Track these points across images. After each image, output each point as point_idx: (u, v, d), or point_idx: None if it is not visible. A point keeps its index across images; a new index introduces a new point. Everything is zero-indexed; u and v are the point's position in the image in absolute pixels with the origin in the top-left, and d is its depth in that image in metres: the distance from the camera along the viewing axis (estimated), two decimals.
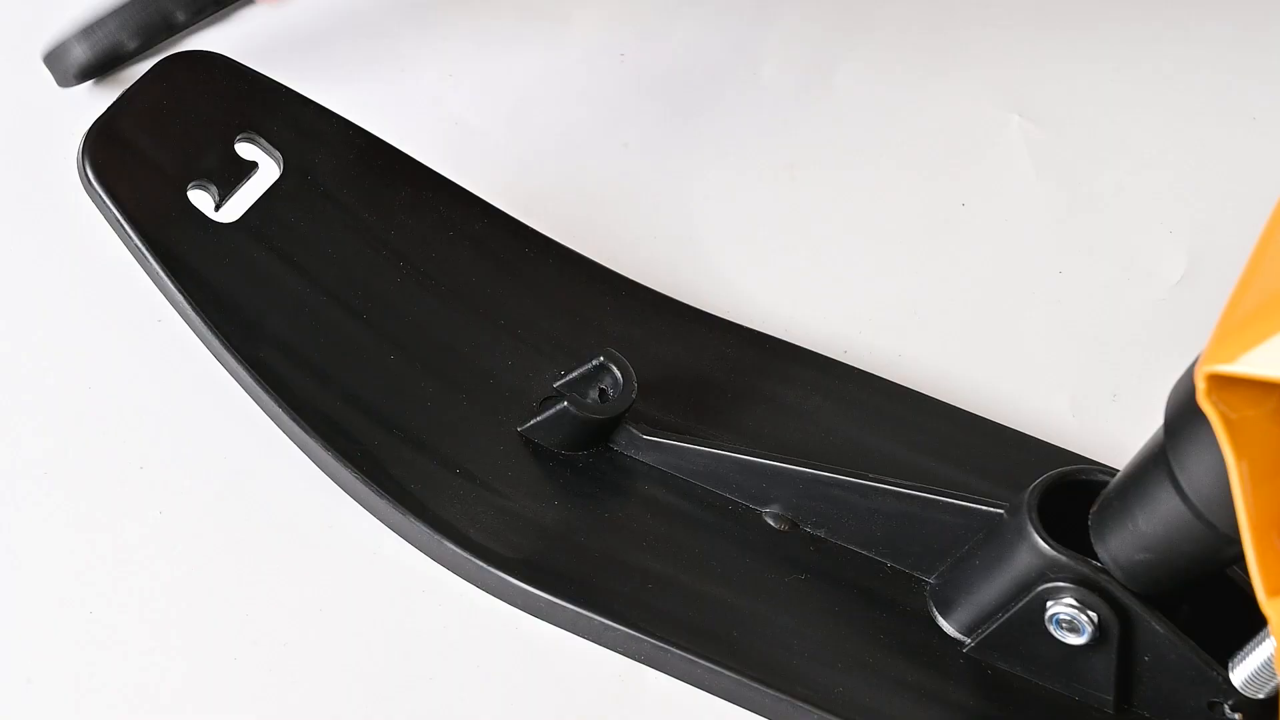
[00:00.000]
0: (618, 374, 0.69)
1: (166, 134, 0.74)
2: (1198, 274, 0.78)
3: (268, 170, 0.74)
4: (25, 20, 0.85)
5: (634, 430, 0.69)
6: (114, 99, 0.75)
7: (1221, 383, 0.51)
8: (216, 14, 0.83)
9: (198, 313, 0.70)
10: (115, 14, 0.80)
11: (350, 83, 0.82)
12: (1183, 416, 0.56)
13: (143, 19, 0.81)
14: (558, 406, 0.69)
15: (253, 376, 0.70)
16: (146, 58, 0.82)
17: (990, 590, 0.63)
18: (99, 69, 0.81)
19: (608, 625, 0.65)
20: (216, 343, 0.70)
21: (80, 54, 0.80)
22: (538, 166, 0.80)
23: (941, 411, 0.72)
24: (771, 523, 0.68)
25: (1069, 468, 0.63)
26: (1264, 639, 0.59)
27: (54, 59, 0.80)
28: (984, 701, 0.63)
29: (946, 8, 0.89)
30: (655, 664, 0.65)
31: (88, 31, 0.80)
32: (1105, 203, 0.81)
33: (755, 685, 0.63)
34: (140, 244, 0.72)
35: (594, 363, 0.69)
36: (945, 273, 0.78)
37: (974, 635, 0.64)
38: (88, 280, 0.75)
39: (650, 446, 0.69)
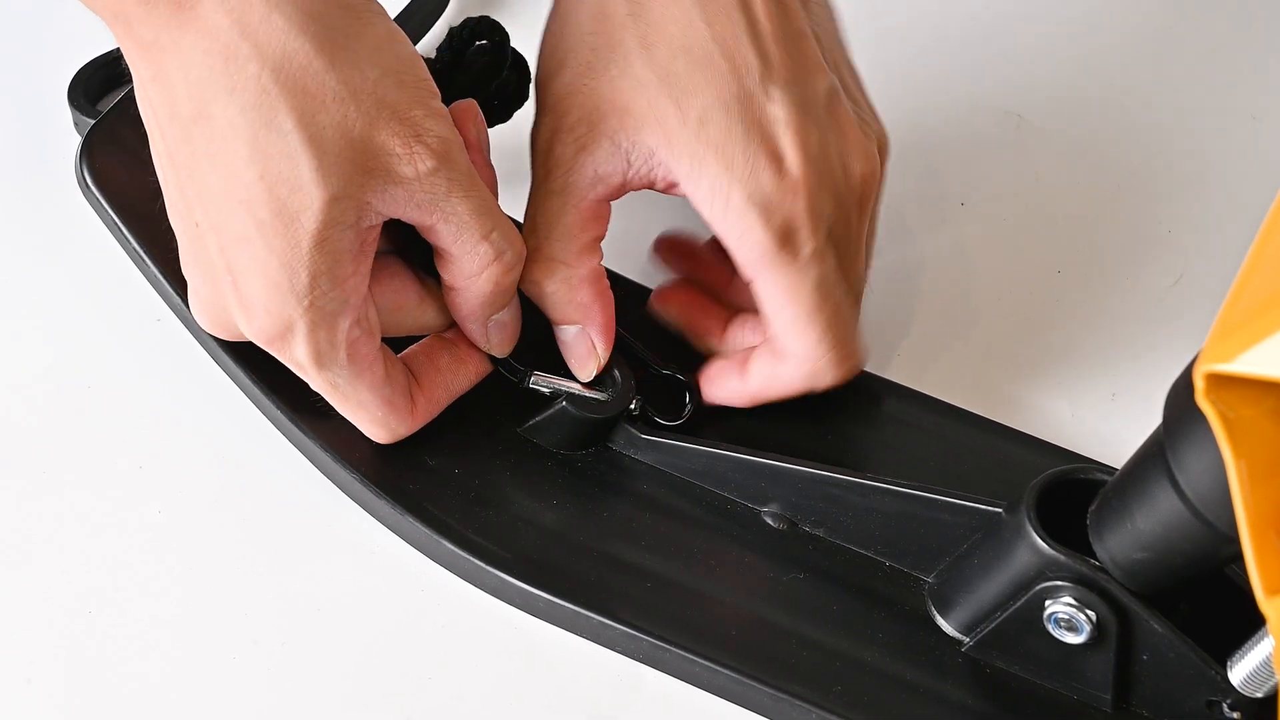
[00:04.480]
0: (616, 374, 0.69)
1: None
2: (1196, 274, 0.78)
3: None
4: (26, 22, 0.85)
5: (632, 430, 0.69)
6: (112, 103, 0.75)
7: (1220, 382, 0.51)
8: None
9: None
10: None
11: None
12: (1181, 416, 0.56)
13: None
14: (557, 406, 0.69)
15: (251, 377, 0.70)
16: None
17: (989, 589, 0.63)
18: None
19: (607, 624, 0.65)
20: (216, 343, 0.70)
21: None
22: None
23: (941, 410, 0.72)
24: (770, 522, 0.68)
25: (1068, 467, 0.63)
26: (1262, 638, 0.59)
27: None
28: (982, 700, 0.63)
29: (948, 9, 0.89)
30: (654, 663, 0.65)
31: None
32: (1105, 203, 0.81)
33: (754, 684, 0.63)
34: (137, 246, 0.72)
35: None
36: (945, 272, 0.78)
37: (972, 634, 0.64)
38: (87, 280, 0.75)
39: (649, 446, 0.69)
